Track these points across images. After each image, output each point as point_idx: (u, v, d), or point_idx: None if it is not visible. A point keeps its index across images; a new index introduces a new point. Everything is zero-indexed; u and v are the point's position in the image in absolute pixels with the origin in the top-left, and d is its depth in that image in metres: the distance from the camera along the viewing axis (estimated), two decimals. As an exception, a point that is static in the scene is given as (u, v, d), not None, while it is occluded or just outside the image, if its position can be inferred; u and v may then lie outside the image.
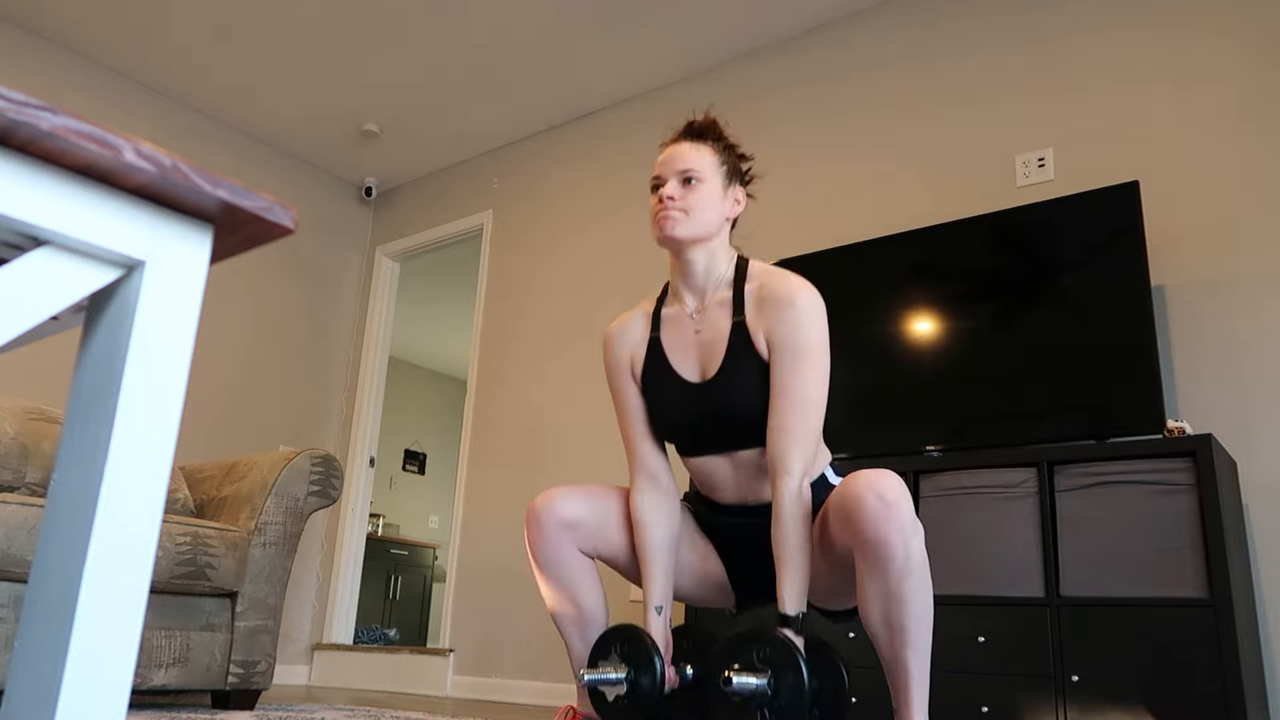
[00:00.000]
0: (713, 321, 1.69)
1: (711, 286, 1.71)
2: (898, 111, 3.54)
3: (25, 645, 0.60)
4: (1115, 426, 2.51)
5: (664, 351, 1.73)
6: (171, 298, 0.65)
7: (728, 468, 1.71)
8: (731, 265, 1.72)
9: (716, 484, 1.75)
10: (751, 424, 1.64)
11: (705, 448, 1.71)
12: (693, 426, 1.69)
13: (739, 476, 1.71)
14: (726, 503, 1.76)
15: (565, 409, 4.18)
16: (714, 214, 1.68)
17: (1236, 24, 2.90)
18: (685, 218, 1.66)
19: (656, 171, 1.71)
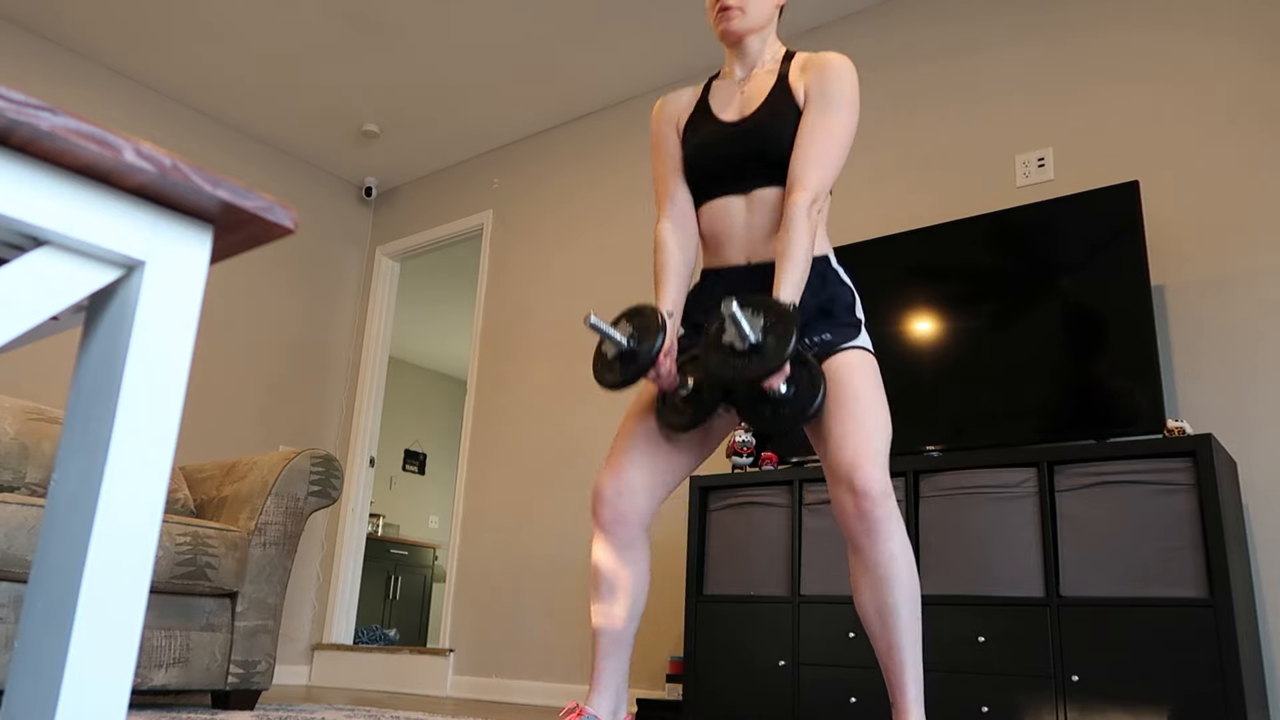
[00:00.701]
0: (758, 82, 1.83)
1: (762, 63, 1.86)
2: (898, 112, 3.54)
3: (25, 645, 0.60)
4: (1115, 426, 2.51)
5: (709, 104, 1.87)
6: (171, 298, 0.65)
7: (742, 211, 1.78)
8: (780, 54, 1.87)
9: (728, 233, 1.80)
10: (775, 161, 1.74)
11: (725, 185, 1.79)
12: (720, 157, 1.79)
13: (751, 221, 1.77)
14: (732, 263, 1.79)
15: (565, 408, 4.18)
16: (766, 6, 1.83)
17: (1236, 24, 2.90)
18: (742, 14, 1.81)
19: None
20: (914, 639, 1.58)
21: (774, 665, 2.70)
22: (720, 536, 2.93)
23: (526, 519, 4.15)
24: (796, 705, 2.63)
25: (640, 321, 1.65)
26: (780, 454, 3.05)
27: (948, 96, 3.43)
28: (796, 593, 2.72)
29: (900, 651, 1.57)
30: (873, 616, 1.59)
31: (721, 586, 2.88)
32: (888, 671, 1.59)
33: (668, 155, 1.89)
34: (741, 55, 1.87)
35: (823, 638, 2.64)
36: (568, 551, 3.95)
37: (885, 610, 1.58)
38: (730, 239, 1.79)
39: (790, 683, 2.66)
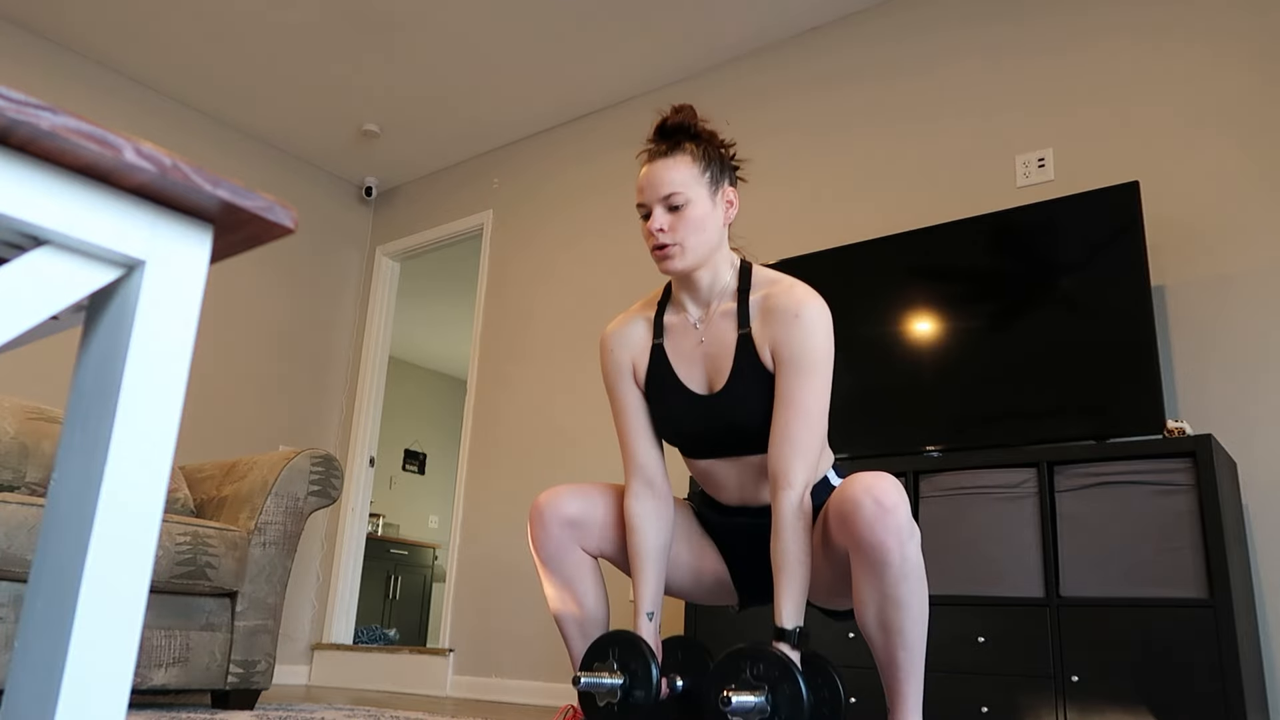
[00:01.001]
0: (718, 333, 1.67)
1: (716, 297, 1.69)
2: (898, 112, 3.54)
3: (25, 645, 0.60)
4: (1115, 426, 2.51)
5: (669, 360, 1.71)
6: (171, 298, 0.65)
7: (731, 471, 1.72)
8: (735, 273, 1.70)
9: (720, 485, 1.75)
10: (757, 432, 1.63)
11: (710, 453, 1.71)
12: (698, 435, 1.69)
13: (742, 479, 1.72)
14: (729, 503, 1.76)
15: (565, 408, 4.18)
16: (710, 233, 1.63)
17: (1236, 24, 2.90)
18: (682, 251, 1.62)
19: (639, 198, 1.65)
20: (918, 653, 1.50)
21: (774, 665, 2.70)
22: (720, 536, 2.93)
23: (526, 519, 4.15)
24: (796, 705, 2.63)
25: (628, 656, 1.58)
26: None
27: (948, 97, 3.43)
28: (796, 593, 2.72)
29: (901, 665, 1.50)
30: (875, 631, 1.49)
31: (721, 586, 2.88)
32: (886, 679, 1.53)
33: (629, 413, 1.74)
34: (691, 287, 1.69)
35: (822, 638, 2.64)
36: (568, 551, 3.94)
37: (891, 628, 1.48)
38: (724, 488, 1.75)
39: (790, 683, 2.66)
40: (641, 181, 1.64)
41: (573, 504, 1.74)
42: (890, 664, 1.50)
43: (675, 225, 1.61)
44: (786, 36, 3.93)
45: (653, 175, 1.63)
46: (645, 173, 1.65)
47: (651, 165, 1.64)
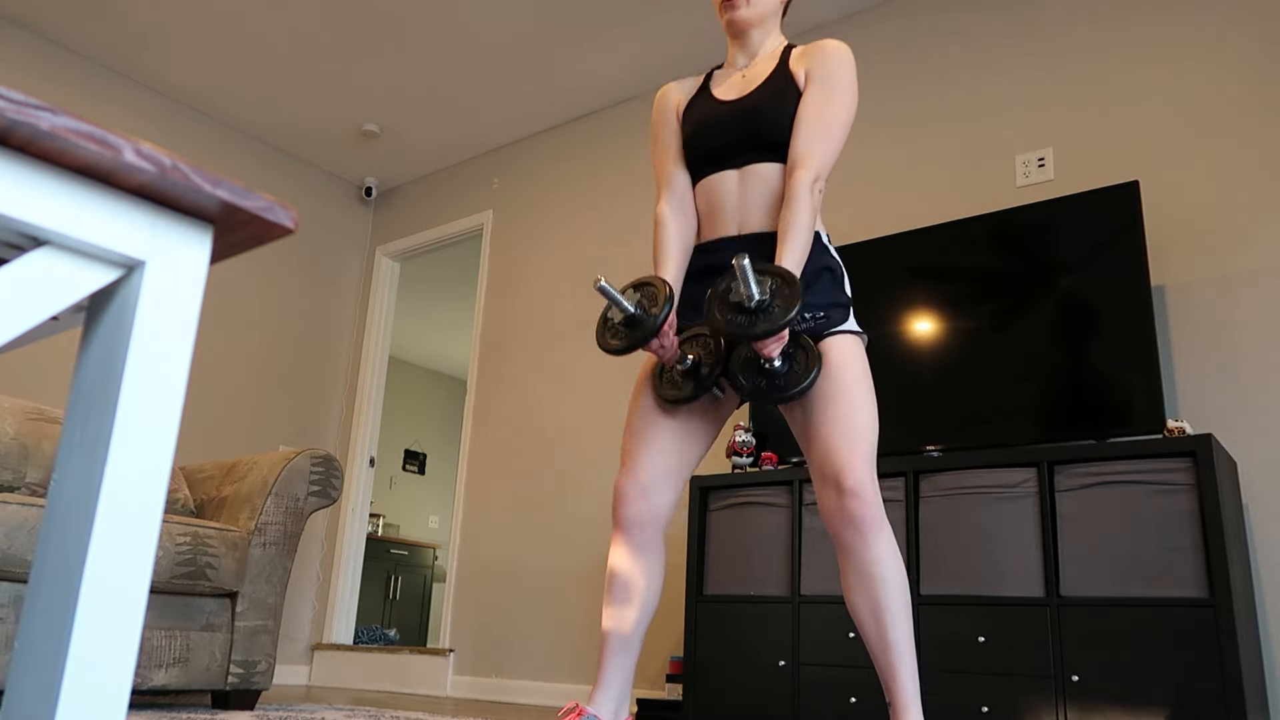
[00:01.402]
0: (759, 67, 1.86)
1: (761, 56, 1.88)
2: (898, 111, 3.54)
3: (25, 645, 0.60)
4: (1115, 426, 2.51)
5: (709, 87, 1.90)
6: (171, 298, 0.65)
7: (735, 185, 1.80)
8: (781, 45, 1.89)
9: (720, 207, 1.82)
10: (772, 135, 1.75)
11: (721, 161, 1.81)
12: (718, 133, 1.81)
13: (744, 195, 1.79)
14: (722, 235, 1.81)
15: (565, 408, 4.18)
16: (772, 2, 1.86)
17: (1236, 24, 2.90)
18: (748, 3, 1.84)
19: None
20: (907, 636, 1.59)
21: (774, 665, 2.70)
22: (720, 536, 2.93)
23: (526, 519, 4.15)
24: (796, 705, 2.63)
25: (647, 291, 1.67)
26: (780, 454, 3.05)
27: (948, 96, 3.43)
28: (796, 593, 2.72)
29: (895, 649, 1.58)
30: (866, 616, 1.60)
31: (722, 586, 2.88)
32: (883, 670, 1.59)
33: (666, 139, 1.92)
34: (744, 46, 1.89)
35: (823, 638, 2.64)
36: (567, 551, 3.95)
37: (879, 609, 1.59)
38: (722, 212, 1.82)
39: (790, 683, 2.66)
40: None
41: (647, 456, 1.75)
42: (884, 648, 1.59)
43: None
44: (787, 36, 3.93)
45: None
46: None
47: None
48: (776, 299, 1.50)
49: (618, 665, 1.69)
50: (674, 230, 1.83)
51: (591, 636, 3.75)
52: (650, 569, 1.72)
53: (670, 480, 1.75)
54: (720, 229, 1.82)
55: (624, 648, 1.71)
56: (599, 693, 1.68)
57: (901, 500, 2.64)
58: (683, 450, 1.77)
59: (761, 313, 1.51)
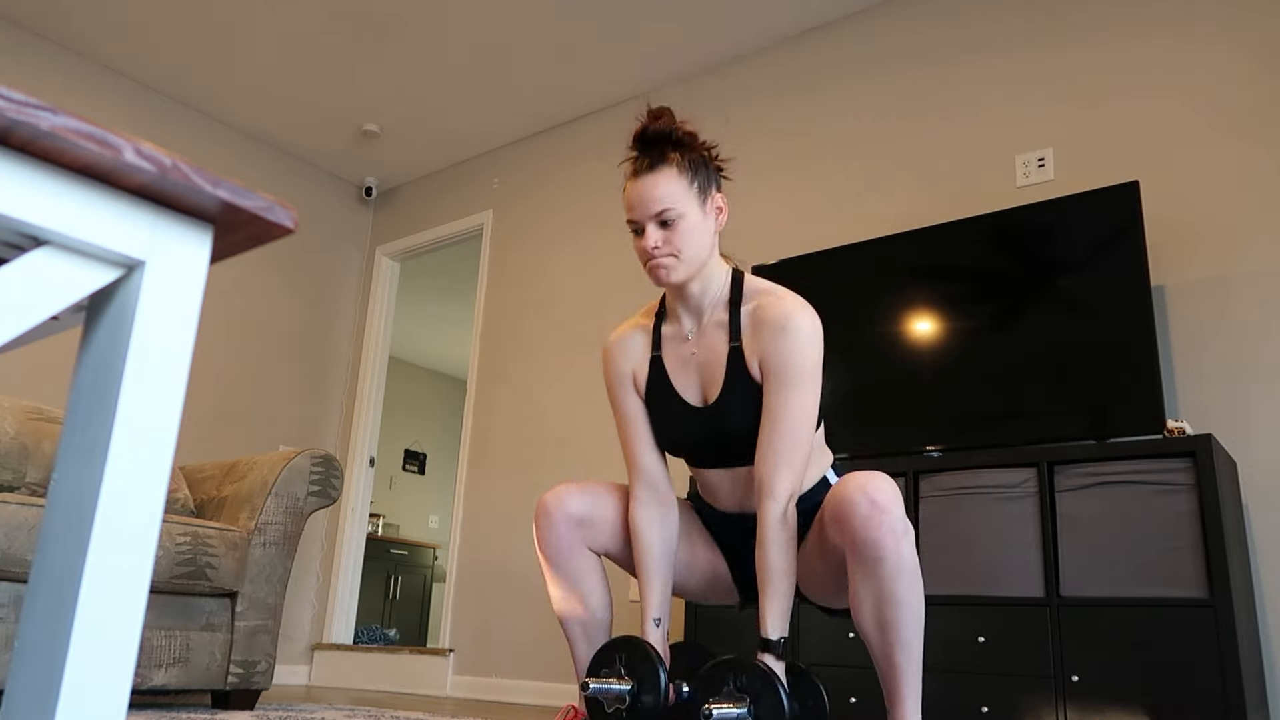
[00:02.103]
0: (710, 344, 1.68)
1: (708, 306, 1.70)
2: (898, 112, 3.54)
3: (25, 645, 0.60)
4: (1115, 426, 2.51)
5: (666, 371, 1.73)
6: (171, 298, 0.65)
7: (727, 481, 1.74)
8: (727, 281, 1.70)
9: (717, 494, 1.78)
10: (749, 443, 1.65)
11: (706, 464, 1.74)
12: (694, 446, 1.72)
13: (737, 489, 1.74)
14: (726, 510, 1.78)
15: (565, 409, 4.18)
16: (702, 244, 1.64)
17: (1236, 24, 2.90)
18: (677, 262, 1.62)
19: (630, 215, 1.64)
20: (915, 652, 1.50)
21: (774, 665, 2.70)
22: (720, 536, 2.93)
23: (526, 519, 4.15)
24: (796, 705, 2.63)
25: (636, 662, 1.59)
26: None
27: (948, 96, 3.43)
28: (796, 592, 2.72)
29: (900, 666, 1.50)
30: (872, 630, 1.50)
31: (721, 586, 2.88)
32: (884, 680, 1.52)
33: (631, 420, 1.76)
34: (684, 299, 1.71)
35: (823, 638, 2.64)
36: (568, 551, 3.95)
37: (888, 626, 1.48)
38: (721, 497, 1.77)
39: (790, 683, 2.66)
40: (630, 198, 1.63)
41: (580, 502, 1.75)
42: (888, 664, 1.50)
43: (669, 239, 1.61)
44: (785, 37, 3.93)
45: (642, 192, 1.62)
46: (632, 189, 1.64)
47: (638, 182, 1.63)
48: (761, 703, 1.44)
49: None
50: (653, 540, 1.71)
51: (591, 636, 3.74)
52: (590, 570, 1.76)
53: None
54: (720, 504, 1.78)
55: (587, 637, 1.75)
56: None
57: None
58: None
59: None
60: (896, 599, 1.46)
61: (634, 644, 1.60)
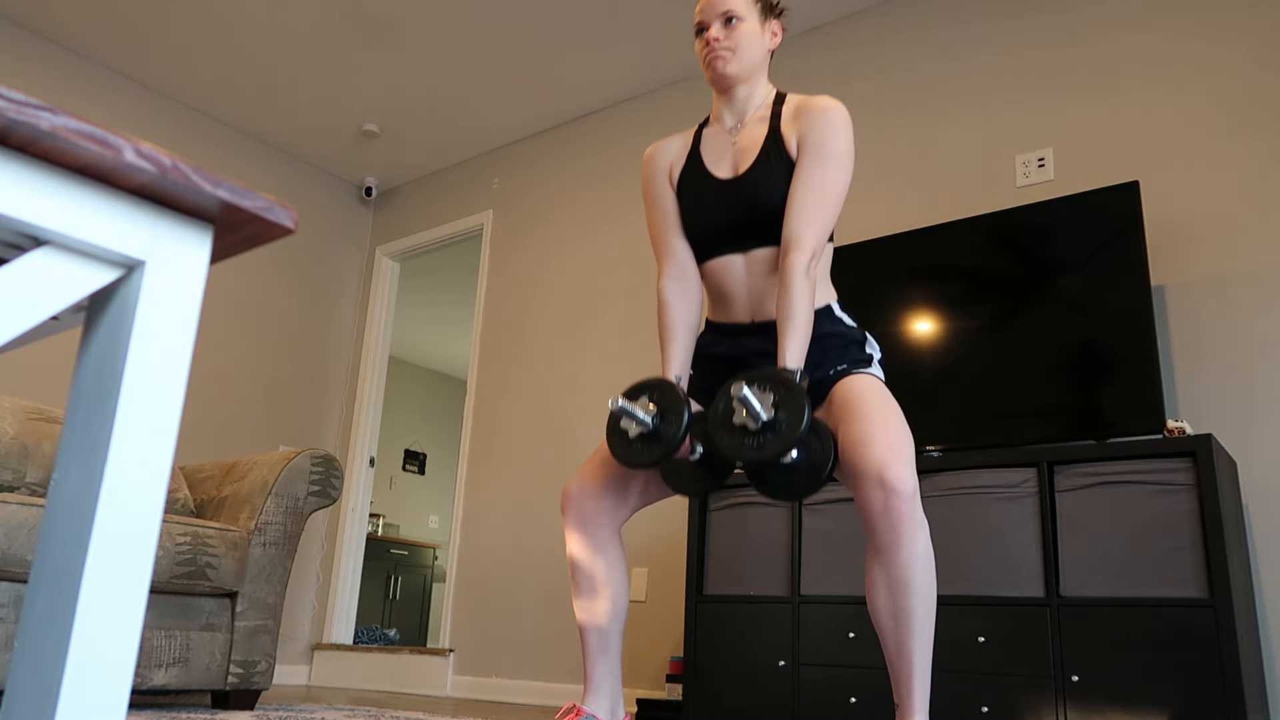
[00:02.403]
0: (750, 132, 1.80)
1: (752, 110, 1.83)
2: (898, 112, 3.54)
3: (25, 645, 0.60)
4: (1115, 426, 2.51)
5: (702, 160, 1.83)
6: (171, 298, 0.65)
7: (742, 270, 1.76)
8: (771, 96, 1.84)
9: (730, 296, 1.79)
10: (771, 217, 1.71)
11: (724, 245, 1.77)
12: (716, 218, 1.77)
13: (752, 281, 1.76)
14: (736, 321, 1.79)
15: (566, 408, 4.18)
16: (757, 50, 1.80)
17: (1236, 24, 2.90)
18: (733, 55, 1.77)
19: (698, 18, 1.81)
20: (926, 643, 1.54)
21: (774, 665, 2.70)
22: (720, 536, 2.93)
23: (526, 519, 4.15)
24: (796, 705, 2.63)
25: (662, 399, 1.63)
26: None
27: (948, 96, 3.43)
28: (796, 593, 2.72)
29: (911, 655, 1.53)
30: (886, 619, 1.54)
31: (721, 586, 2.88)
32: (895, 672, 1.55)
33: (663, 209, 1.86)
34: (730, 102, 1.84)
35: (823, 638, 2.64)
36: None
37: (901, 614, 1.53)
38: (733, 297, 1.78)
39: (790, 683, 2.66)
40: (700, 4, 1.81)
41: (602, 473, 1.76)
42: (900, 654, 1.54)
43: (730, 35, 1.78)
44: (785, 37, 3.93)
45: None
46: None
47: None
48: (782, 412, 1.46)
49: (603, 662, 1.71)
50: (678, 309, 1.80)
51: (591, 636, 3.74)
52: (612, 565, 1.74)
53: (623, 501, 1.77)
54: (733, 314, 1.80)
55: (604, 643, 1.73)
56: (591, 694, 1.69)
57: (901, 500, 2.64)
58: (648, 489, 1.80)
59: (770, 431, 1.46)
60: (911, 585, 1.51)
61: (666, 385, 1.66)
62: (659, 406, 1.62)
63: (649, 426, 1.60)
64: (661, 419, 1.61)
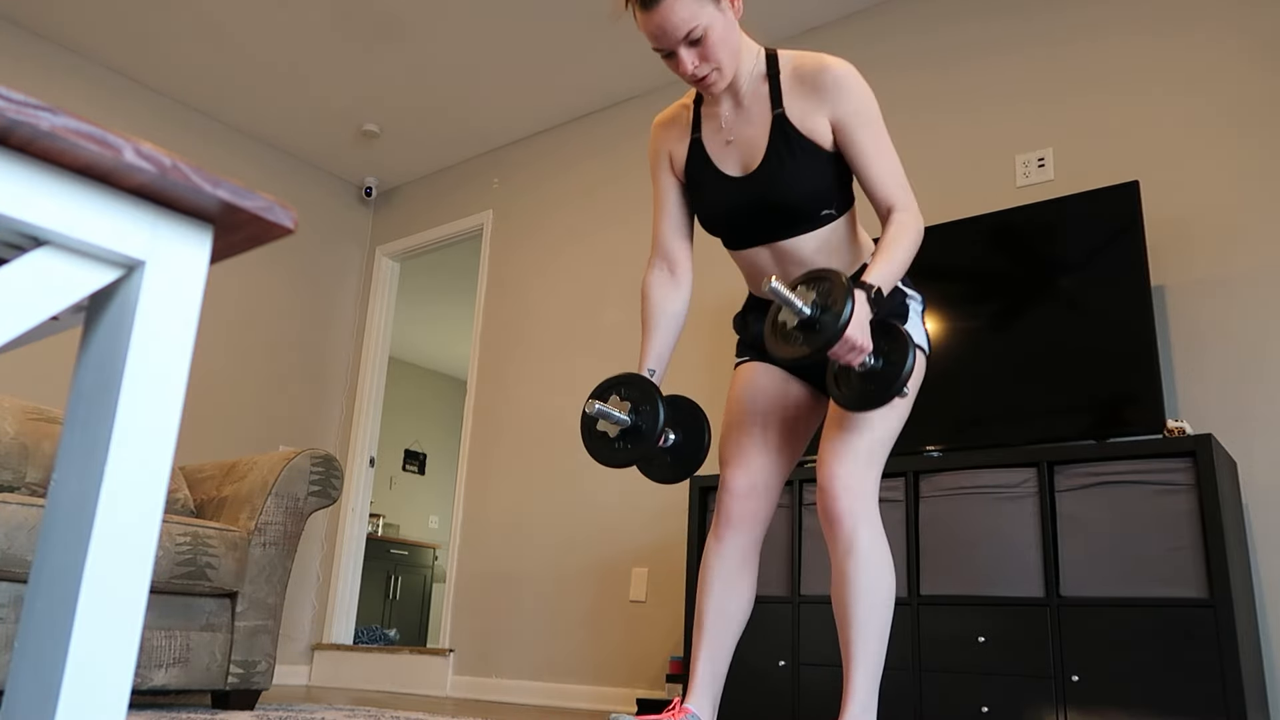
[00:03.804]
0: (753, 116, 1.68)
1: (746, 84, 1.70)
2: (898, 112, 3.54)
3: (25, 645, 0.60)
4: (1115, 426, 2.51)
5: (706, 152, 1.74)
6: (171, 298, 0.65)
7: (769, 261, 1.73)
8: (761, 59, 1.71)
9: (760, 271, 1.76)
10: (794, 210, 1.66)
11: (748, 240, 1.73)
12: (734, 219, 1.72)
13: (782, 268, 1.73)
14: None
15: (566, 408, 4.18)
16: (733, 44, 1.63)
17: (1236, 24, 2.90)
18: (721, 73, 1.63)
19: (655, 44, 1.61)
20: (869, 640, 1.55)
21: (774, 665, 2.70)
22: (720, 536, 2.93)
23: (526, 519, 4.15)
24: (796, 705, 2.63)
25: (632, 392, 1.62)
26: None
27: (948, 96, 3.43)
28: (796, 593, 2.72)
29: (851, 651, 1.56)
30: (835, 611, 1.60)
31: (721, 586, 2.88)
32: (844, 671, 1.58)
33: (661, 199, 1.80)
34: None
35: (823, 638, 2.64)
36: (568, 552, 3.95)
37: (842, 606, 1.58)
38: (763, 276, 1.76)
39: (790, 683, 2.66)
40: (649, 29, 1.59)
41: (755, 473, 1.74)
42: (843, 646, 1.58)
43: (704, 55, 1.60)
44: (784, 37, 3.93)
45: (660, 22, 1.57)
46: (647, 20, 1.58)
47: (652, 13, 1.57)
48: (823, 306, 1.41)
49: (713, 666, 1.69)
50: (660, 303, 1.76)
51: (591, 636, 3.74)
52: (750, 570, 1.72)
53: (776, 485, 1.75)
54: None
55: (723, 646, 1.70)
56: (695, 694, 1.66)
57: (901, 500, 2.64)
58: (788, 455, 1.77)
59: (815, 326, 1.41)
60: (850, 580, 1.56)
61: (637, 380, 1.64)
62: (632, 400, 1.61)
63: (628, 422, 1.59)
64: (637, 413, 1.60)
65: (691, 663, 1.70)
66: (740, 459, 1.74)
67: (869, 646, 1.55)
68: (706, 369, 3.68)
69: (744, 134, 1.69)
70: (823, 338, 1.39)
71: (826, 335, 1.39)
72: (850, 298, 1.39)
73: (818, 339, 1.40)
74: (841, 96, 1.62)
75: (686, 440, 1.70)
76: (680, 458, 1.70)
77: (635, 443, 1.60)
